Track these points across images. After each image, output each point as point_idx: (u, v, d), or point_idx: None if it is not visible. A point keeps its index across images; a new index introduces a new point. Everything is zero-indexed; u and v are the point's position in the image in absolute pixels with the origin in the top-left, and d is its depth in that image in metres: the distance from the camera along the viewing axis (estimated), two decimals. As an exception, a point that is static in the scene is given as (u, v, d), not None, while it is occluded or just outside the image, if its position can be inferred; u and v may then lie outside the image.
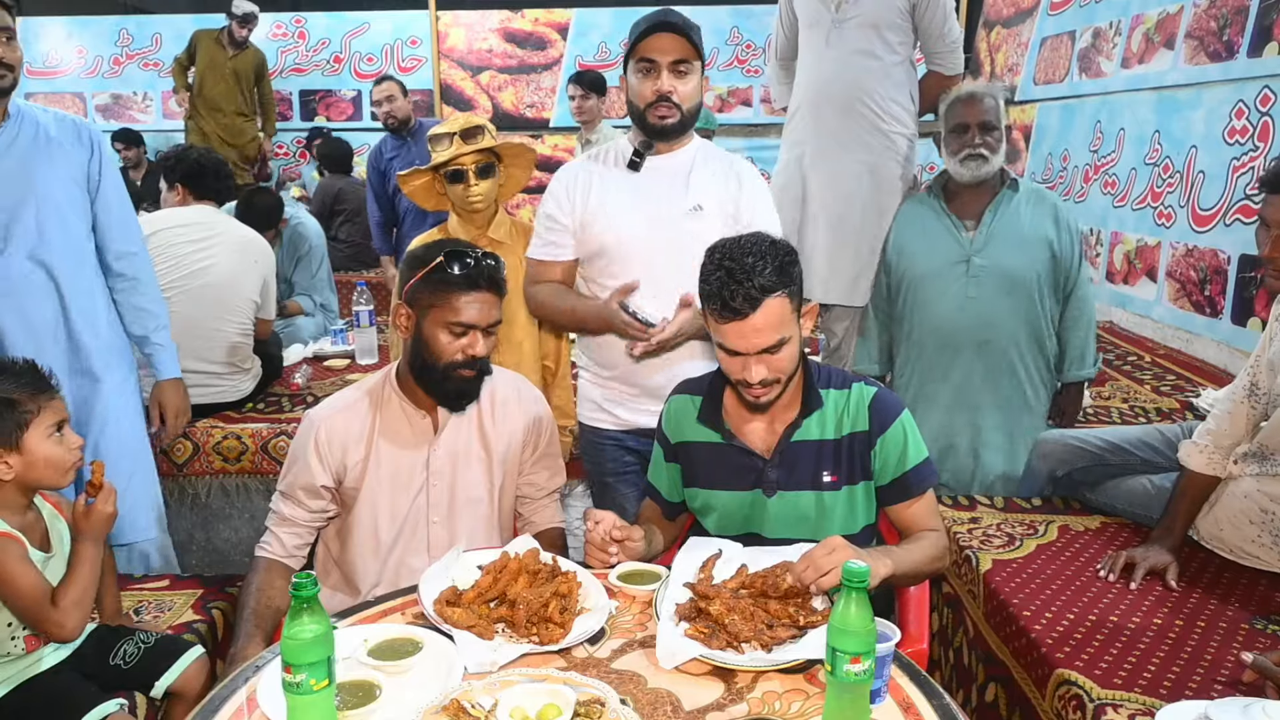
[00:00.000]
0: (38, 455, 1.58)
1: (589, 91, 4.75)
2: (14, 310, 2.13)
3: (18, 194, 2.10)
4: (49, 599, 1.55)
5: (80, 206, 2.21)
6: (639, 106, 1.98)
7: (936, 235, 2.52)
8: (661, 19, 1.91)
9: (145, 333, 2.34)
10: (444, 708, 1.18)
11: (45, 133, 2.15)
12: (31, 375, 1.62)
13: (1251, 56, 3.43)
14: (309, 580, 1.10)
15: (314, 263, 4.08)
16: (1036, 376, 2.53)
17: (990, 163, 2.43)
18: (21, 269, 2.13)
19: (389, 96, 4.66)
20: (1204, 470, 1.92)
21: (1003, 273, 2.45)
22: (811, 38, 2.85)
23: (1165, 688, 1.51)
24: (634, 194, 2.02)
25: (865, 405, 1.66)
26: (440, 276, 1.71)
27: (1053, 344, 2.53)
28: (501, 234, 2.43)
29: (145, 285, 2.33)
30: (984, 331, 2.48)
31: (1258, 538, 1.85)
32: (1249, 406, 1.89)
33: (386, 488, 1.81)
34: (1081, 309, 2.53)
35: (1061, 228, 2.46)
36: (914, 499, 1.67)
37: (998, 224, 2.47)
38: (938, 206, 2.54)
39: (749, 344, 1.53)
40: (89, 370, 2.23)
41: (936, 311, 2.52)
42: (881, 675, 1.25)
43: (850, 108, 2.76)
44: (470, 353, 1.72)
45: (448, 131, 2.38)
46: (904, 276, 2.56)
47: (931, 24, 2.76)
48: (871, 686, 1.16)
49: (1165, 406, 3.01)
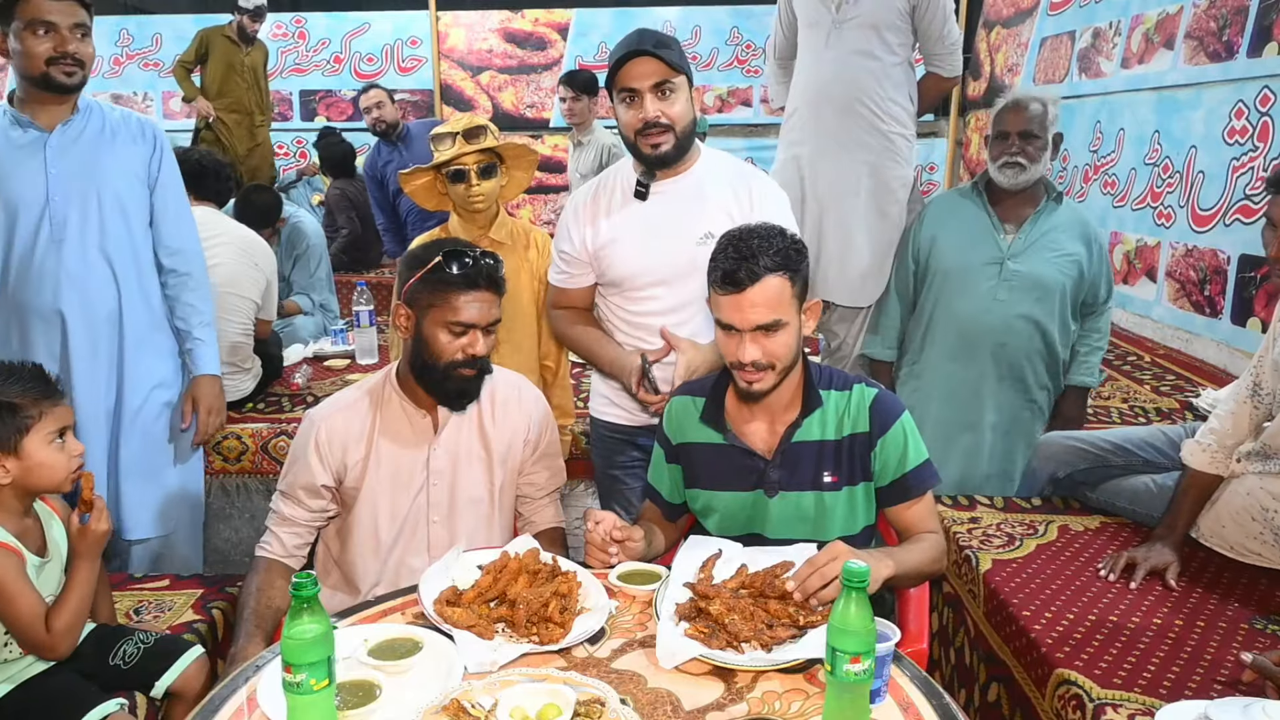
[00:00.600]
0: (36, 461, 1.57)
1: (579, 93, 4.67)
2: (76, 301, 2.18)
3: (82, 187, 2.16)
4: (43, 621, 1.55)
5: (140, 201, 2.26)
6: (630, 137, 1.94)
7: (975, 232, 2.52)
8: (634, 46, 1.86)
9: (189, 328, 2.36)
10: (444, 708, 1.18)
11: (111, 128, 2.22)
12: (37, 380, 1.61)
13: (1251, 56, 3.43)
14: (309, 580, 1.10)
15: (312, 261, 4.09)
16: (1043, 388, 2.54)
17: (1028, 171, 2.43)
18: (84, 259, 2.17)
19: (378, 103, 4.71)
20: (1207, 469, 1.92)
21: (1034, 281, 2.46)
22: (811, 38, 2.86)
23: (1165, 688, 1.51)
24: (644, 226, 1.99)
25: (866, 406, 1.67)
26: (439, 276, 1.71)
27: (1065, 358, 2.55)
28: (503, 235, 2.43)
29: (196, 281, 2.37)
30: (1004, 335, 2.48)
31: (1259, 534, 1.85)
32: (1252, 407, 1.89)
33: (387, 487, 1.81)
34: (1101, 330, 2.56)
35: (1094, 251, 2.49)
36: (913, 501, 1.68)
37: (1037, 233, 2.47)
38: (980, 204, 2.54)
39: (745, 318, 1.54)
40: (125, 366, 2.26)
41: (962, 307, 2.52)
42: (881, 675, 1.26)
43: (849, 108, 2.76)
44: (470, 352, 1.72)
45: (450, 131, 2.38)
46: (934, 266, 2.57)
47: (931, 25, 2.76)
48: (871, 686, 1.16)
49: (1165, 406, 3.01)
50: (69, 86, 2.09)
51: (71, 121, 2.15)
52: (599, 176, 2.13)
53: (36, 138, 2.13)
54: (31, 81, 2.08)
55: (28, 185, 2.12)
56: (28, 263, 2.15)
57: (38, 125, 2.13)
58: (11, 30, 2.05)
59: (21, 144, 2.12)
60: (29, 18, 2.02)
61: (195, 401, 2.38)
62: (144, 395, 2.31)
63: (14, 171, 2.11)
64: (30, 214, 2.13)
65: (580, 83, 4.70)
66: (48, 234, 2.14)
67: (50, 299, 2.16)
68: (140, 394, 2.30)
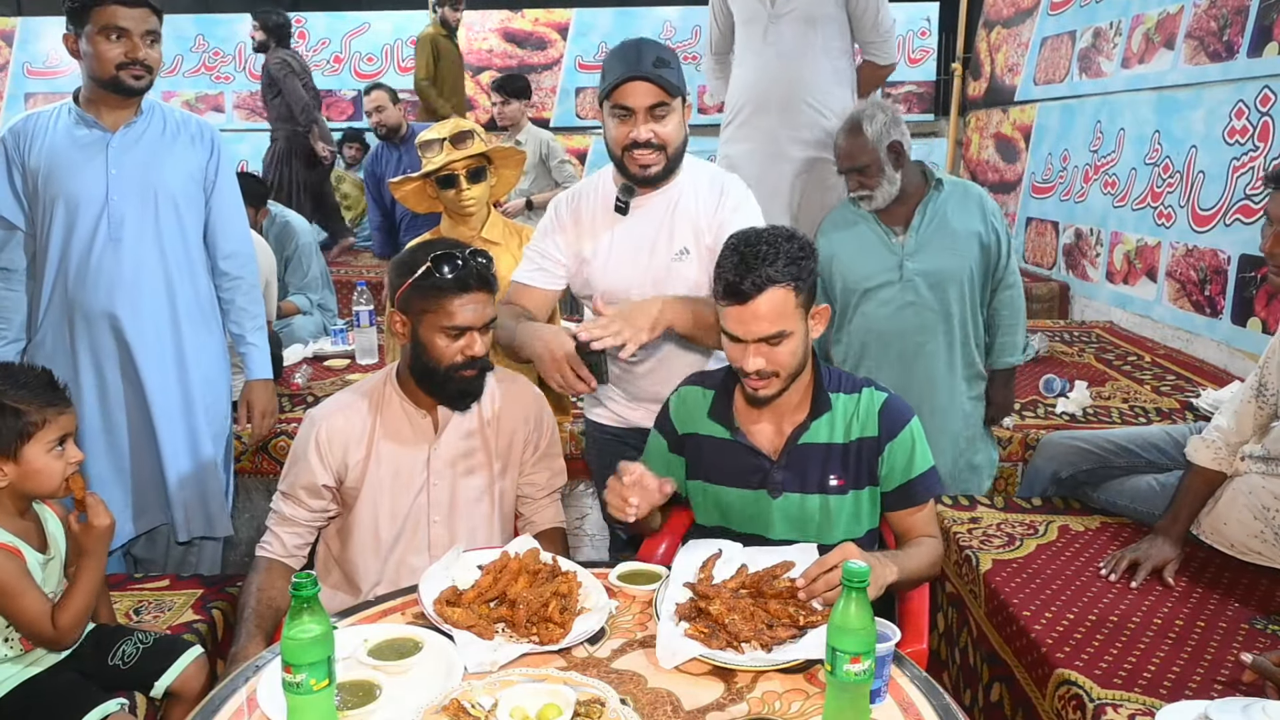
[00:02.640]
0: (34, 468, 1.57)
1: (509, 97, 4.86)
2: (128, 303, 2.18)
3: (140, 188, 2.17)
4: (48, 618, 1.56)
5: (197, 205, 2.27)
6: (616, 152, 1.89)
7: (869, 245, 2.48)
8: (633, 69, 1.80)
9: (243, 332, 2.37)
10: (444, 708, 1.18)
11: (172, 130, 2.23)
12: (44, 386, 1.61)
13: (1251, 56, 3.43)
14: (309, 580, 1.10)
15: (304, 261, 4.05)
16: (968, 372, 2.51)
17: (877, 196, 2.42)
18: (139, 261, 2.18)
19: (378, 106, 4.70)
20: (1210, 465, 1.93)
21: (935, 274, 2.42)
22: (749, 34, 2.85)
23: (1165, 688, 1.51)
24: (624, 241, 1.97)
25: (875, 411, 1.67)
26: (430, 281, 1.69)
27: (979, 335, 2.51)
28: (495, 234, 2.44)
29: (249, 285, 2.37)
30: (919, 335, 2.45)
31: (1260, 533, 1.86)
32: (1256, 406, 1.90)
33: (387, 487, 1.81)
34: (1013, 298, 2.50)
35: (989, 220, 2.44)
36: (917, 506, 1.68)
37: (926, 226, 2.44)
38: (867, 215, 2.49)
39: (748, 330, 1.54)
40: (183, 365, 2.27)
41: (872, 318, 2.48)
42: (881, 675, 1.25)
43: (790, 103, 2.76)
44: (470, 353, 1.72)
45: (437, 137, 2.38)
46: (840, 285, 2.52)
47: (865, 15, 2.76)
48: (871, 686, 1.16)
49: (1165, 406, 3.01)
50: (137, 90, 2.12)
51: (134, 123, 2.17)
52: (579, 186, 2.07)
53: (100, 137, 2.14)
54: (100, 84, 2.10)
55: (89, 184, 2.13)
56: (85, 262, 2.15)
57: (102, 125, 2.14)
58: (84, 34, 2.07)
59: (86, 143, 2.14)
60: (103, 23, 2.04)
61: (250, 405, 2.39)
62: (206, 395, 2.32)
63: (76, 171, 2.13)
64: (89, 213, 2.13)
65: (510, 89, 4.89)
66: (105, 233, 2.14)
67: (105, 299, 2.16)
68: (203, 394, 2.31)
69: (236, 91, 7.63)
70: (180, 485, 2.30)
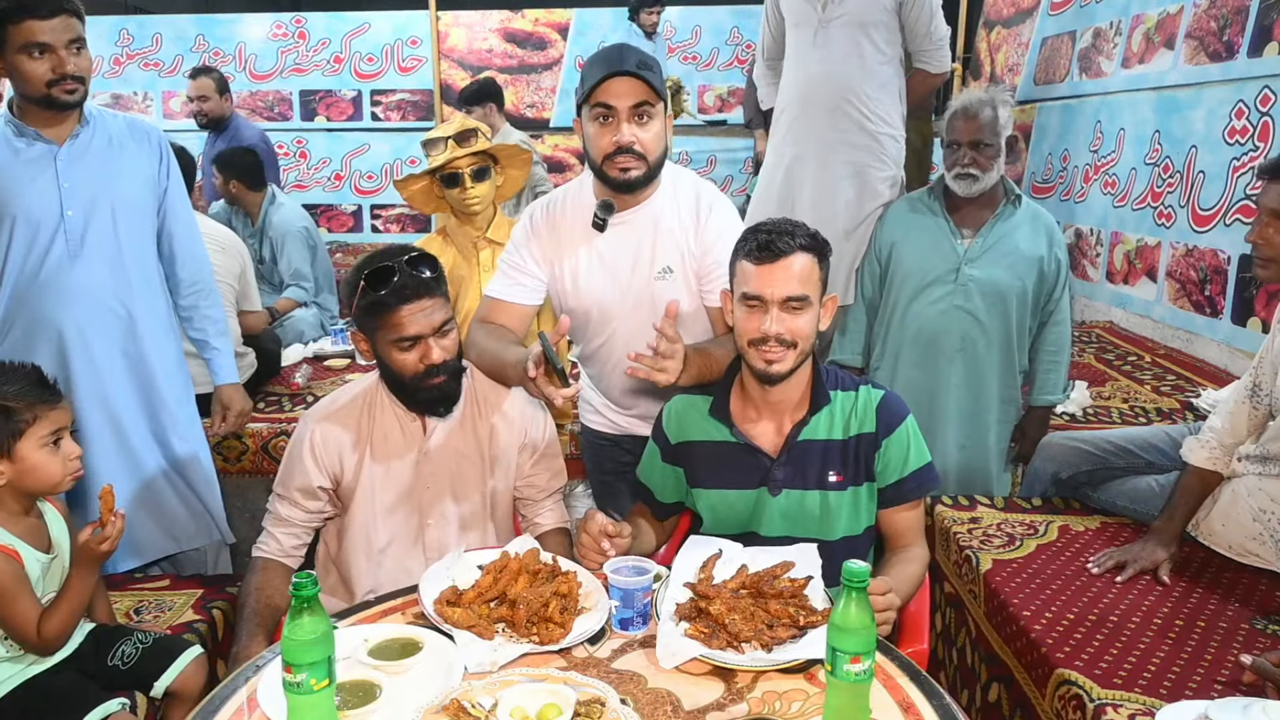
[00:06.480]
0: (30, 464, 1.58)
1: (471, 106, 4.69)
2: (93, 316, 2.10)
3: (94, 198, 2.08)
4: (34, 626, 1.56)
5: (150, 211, 2.20)
6: (597, 159, 1.82)
7: (932, 238, 2.51)
8: (616, 66, 1.74)
9: (206, 338, 2.32)
10: (444, 708, 1.18)
11: (119, 138, 2.14)
12: (33, 383, 1.61)
13: (1251, 56, 3.43)
14: (309, 580, 1.10)
15: (294, 249, 3.94)
16: (1004, 392, 2.53)
17: (981, 180, 2.42)
18: (100, 273, 2.10)
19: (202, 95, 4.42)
20: (1206, 465, 1.93)
21: (991, 286, 2.44)
22: (798, 38, 2.85)
23: (1165, 688, 1.51)
24: (602, 259, 1.91)
25: (873, 407, 1.68)
26: (369, 299, 1.67)
27: (1023, 362, 2.54)
28: (500, 235, 2.43)
29: (207, 291, 2.32)
30: (963, 341, 2.48)
31: (1258, 535, 1.86)
32: (1250, 407, 1.90)
33: (380, 490, 1.81)
34: (1060, 335, 2.53)
35: (1053, 250, 2.47)
36: (909, 504, 1.70)
37: (994, 239, 2.46)
38: (937, 209, 2.52)
39: (776, 289, 1.57)
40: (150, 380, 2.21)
41: (921, 314, 2.51)
42: (633, 607, 1.40)
43: (837, 108, 2.75)
44: (428, 361, 1.70)
45: (442, 135, 2.38)
46: (894, 272, 2.55)
47: (918, 22, 2.76)
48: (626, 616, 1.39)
49: (1165, 406, 3.00)
50: (72, 105, 2.02)
51: (79, 134, 2.08)
52: (550, 197, 2.00)
53: (45, 150, 2.05)
54: (33, 102, 2.01)
55: (41, 199, 2.04)
56: (44, 278, 2.07)
57: (45, 138, 2.05)
58: (4, 53, 1.96)
59: (30, 157, 2.04)
60: (22, 41, 1.93)
61: (225, 409, 2.36)
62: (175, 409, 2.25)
63: (26, 186, 2.03)
64: (46, 229, 2.05)
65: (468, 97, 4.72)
66: (63, 249, 2.06)
67: (66, 314, 2.08)
68: (172, 411, 2.25)
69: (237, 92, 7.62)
70: (164, 501, 2.25)
